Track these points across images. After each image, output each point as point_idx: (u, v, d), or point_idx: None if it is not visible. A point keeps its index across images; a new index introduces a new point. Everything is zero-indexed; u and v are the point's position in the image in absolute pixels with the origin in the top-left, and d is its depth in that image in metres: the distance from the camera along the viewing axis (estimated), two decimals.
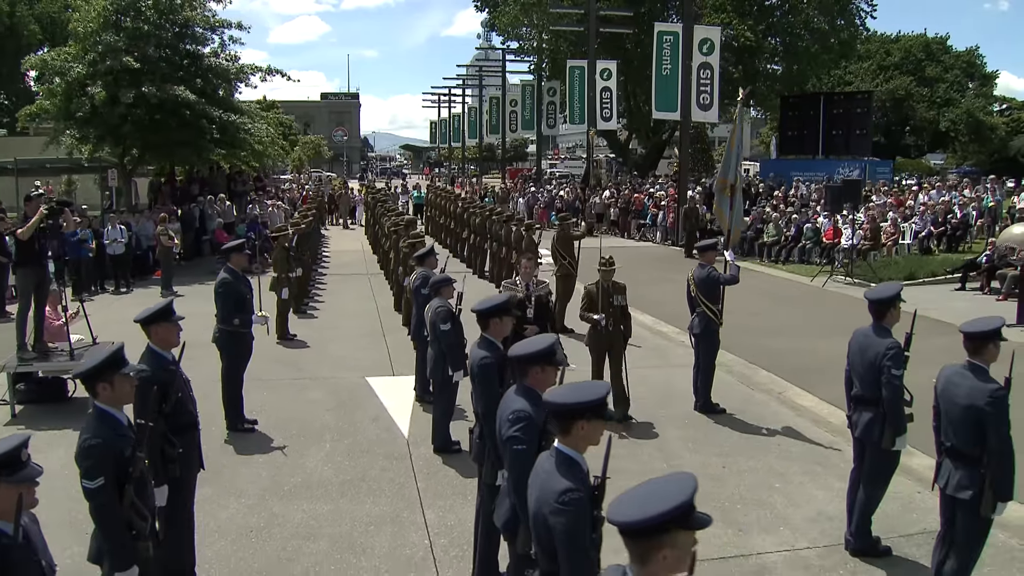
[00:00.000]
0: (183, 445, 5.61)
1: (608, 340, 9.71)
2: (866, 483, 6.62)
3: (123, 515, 4.40)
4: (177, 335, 5.86)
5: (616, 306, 9.67)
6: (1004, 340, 5.57)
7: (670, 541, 2.61)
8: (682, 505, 2.60)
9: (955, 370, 5.63)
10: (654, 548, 2.61)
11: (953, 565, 5.59)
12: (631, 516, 2.59)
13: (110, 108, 20.28)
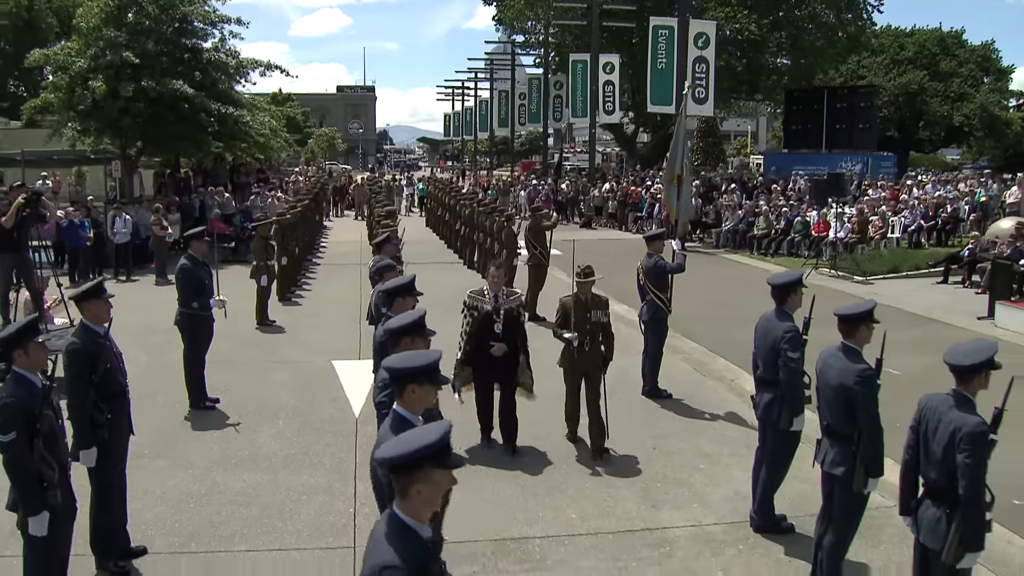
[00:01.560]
0: (111, 412, 6.04)
1: (584, 363, 8.49)
2: (768, 463, 6.96)
3: (33, 466, 4.86)
4: (108, 311, 6.30)
5: (595, 322, 8.47)
6: (876, 322, 5.84)
7: (424, 477, 3.02)
8: (433, 444, 3.00)
9: (831, 351, 5.93)
10: (410, 483, 3.03)
11: (831, 539, 5.91)
12: (390, 453, 3.01)
13: (110, 101, 20.82)
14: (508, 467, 8.21)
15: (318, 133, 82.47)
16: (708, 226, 27.57)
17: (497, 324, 8.39)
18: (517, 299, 8.82)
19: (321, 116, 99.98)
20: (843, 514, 5.83)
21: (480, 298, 8.54)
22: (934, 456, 4.78)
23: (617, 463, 8.36)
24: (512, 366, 8.55)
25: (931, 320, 15.75)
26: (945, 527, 4.70)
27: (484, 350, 8.38)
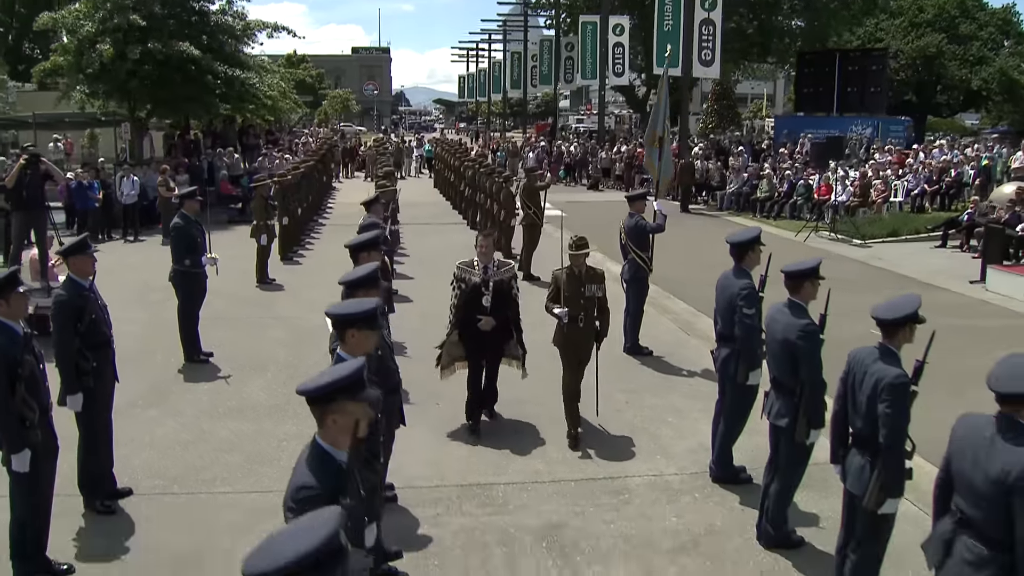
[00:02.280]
0: (96, 360, 6.42)
1: (578, 339, 7.98)
2: (726, 416, 7.25)
3: (15, 408, 5.23)
4: (92, 265, 6.64)
5: (589, 297, 7.89)
6: (822, 279, 6.07)
7: (338, 408, 3.35)
8: (345, 378, 3.33)
9: (777, 307, 6.18)
10: (326, 413, 3.36)
11: (777, 487, 6.21)
12: (307, 386, 3.34)
13: (118, 64, 21.13)
14: (485, 428, 8.39)
15: (332, 95, 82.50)
16: (713, 189, 27.67)
17: (486, 297, 7.89)
18: (509, 270, 8.18)
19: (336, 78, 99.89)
20: (788, 464, 6.12)
21: (469, 269, 8.05)
22: (860, 406, 4.99)
23: (588, 416, 8.34)
24: (502, 340, 8.14)
25: (923, 284, 15.86)
26: (868, 474, 4.94)
27: (473, 324, 7.90)
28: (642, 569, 5.89)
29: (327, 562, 2.33)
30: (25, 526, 5.53)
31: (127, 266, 15.88)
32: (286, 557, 2.28)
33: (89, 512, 6.57)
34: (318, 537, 2.33)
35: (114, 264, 16.39)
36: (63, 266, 12.71)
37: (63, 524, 6.31)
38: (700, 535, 6.40)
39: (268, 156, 28.08)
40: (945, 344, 5.51)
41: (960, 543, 4.03)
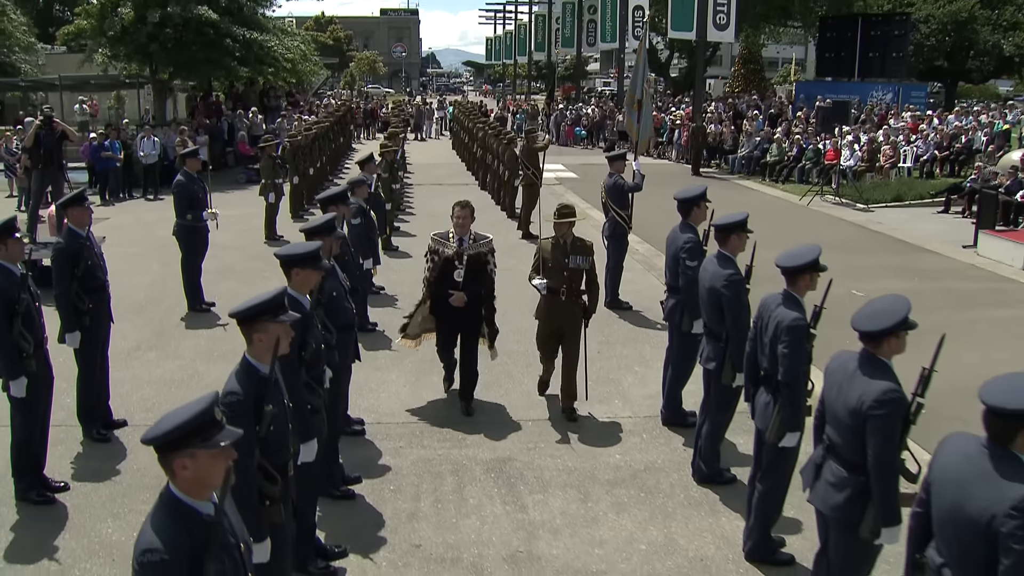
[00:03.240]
0: (92, 302, 7.07)
1: (560, 316, 7.65)
2: (674, 362, 7.75)
3: (13, 339, 5.88)
4: (88, 216, 7.25)
5: (574, 269, 7.53)
6: (749, 232, 6.52)
7: (261, 328, 3.94)
8: (266, 302, 3.92)
9: (709, 259, 6.65)
10: (251, 331, 3.96)
11: (708, 427, 6.71)
12: (236, 308, 3.93)
13: (138, 27, 21.76)
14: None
15: (359, 57, 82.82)
16: (725, 152, 27.91)
17: (458, 271, 7.54)
18: (486, 244, 7.72)
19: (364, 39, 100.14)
20: (717, 406, 6.62)
21: (443, 241, 7.68)
22: (765, 347, 5.44)
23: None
24: (476, 317, 7.78)
25: (917, 248, 16.25)
26: (771, 410, 5.45)
27: (445, 299, 7.59)
28: (578, 497, 6.47)
29: (201, 429, 2.84)
30: (23, 447, 6.21)
31: (143, 223, 16.59)
32: (167, 426, 2.83)
33: (86, 440, 7.27)
34: (193, 411, 2.85)
35: (132, 221, 17.19)
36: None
37: (62, 450, 7.04)
38: (640, 471, 6.96)
39: (287, 117, 28.69)
40: (921, 304, 5.95)
41: (827, 467, 4.55)
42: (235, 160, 24.81)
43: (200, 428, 2.84)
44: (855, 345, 4.29)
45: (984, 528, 3.18)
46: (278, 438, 4.10)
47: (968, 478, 3.35)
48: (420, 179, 24.60)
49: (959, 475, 3.39)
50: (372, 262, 9.75)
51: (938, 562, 3.49)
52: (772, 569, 5.59)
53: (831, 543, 4.61)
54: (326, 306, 5.82)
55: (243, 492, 3.85)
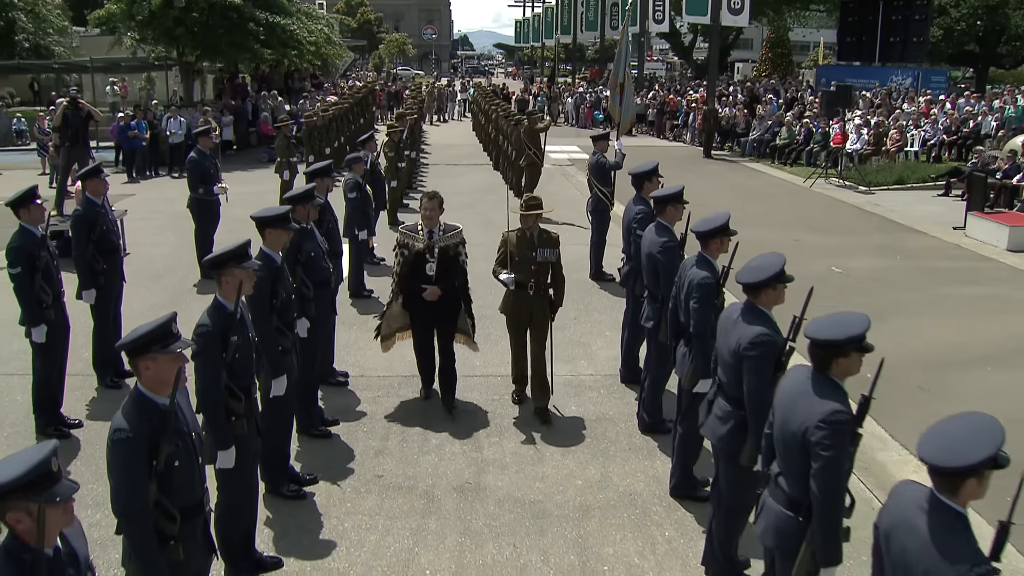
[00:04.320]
0: (107, 263, 7.97)
1: (528, 310, 7.50)
2: (630, 325, 8.42)
3: (35, 292, 6.77)
4: (104, 187, 8.11)
5: (541, 263, 7.38)
6: (686, 203, 7.16)
7: (228, 272, 4.75)
8: (233, 250, 4.72)
9: (650, 228, 7.32)
10: (220, 276, 4.75)
11: (649, 381, 7.43)
12: (209, 256, 4.72)
13: (165, 12, 22.68)
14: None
15: (388, 39, 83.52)
16: (737, 135, 28.41)
17: (430, 264, 7.42)
18: (456, 235, 7.59)
19: (395, 21, 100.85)
20: (658, 360, 7.33)
21: (412, 235, 7.52)
22: (681, 303, 6.13)
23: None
24: (451, 311, 7.67)
25: (907, 228, 16.76)
26: (688, 361, 6.16)
27: (418, 293, 7.46)
28: (530, 440, 7.25)
29: (160, 338, 3.42)
30: (43, 387, 7.11)
31: (166, 199, 17.52)
32: (135, 335, 3.52)
33: (100, 386, 8.17)
34: (155, 324, 3.48)
35: (155, 197, 18.17)
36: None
37: (79, 395, 7.95)
38: (592, 420, 7.72)
39: (310, 99, 29.55)
40: (894, 280, 6.40)
41: (716, 403, 5.28)
42: (257, 140, 25.75)
43: (160, 337, 3.65)
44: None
45: (801, 439, 3.91)
46: (243, 364, 4.90)
47: (794, 399, 4.01)
48: (436, 159, 25.38)
49: (790, 397, 4.04)
50: (367, 233, 10.53)
51: (776, 471, 4.22)
52: (692, 504, 6.29)
53: (720, 472, 5.22)
54: (304, 264, 6.65)
55: (211, 407, 4.69)
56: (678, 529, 5.98)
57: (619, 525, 6.05)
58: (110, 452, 3.63)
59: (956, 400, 8.38)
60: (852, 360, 3.86)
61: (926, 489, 3.13)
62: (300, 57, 28.77)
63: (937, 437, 3.07)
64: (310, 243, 6.86)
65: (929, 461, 3.00)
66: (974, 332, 10.59)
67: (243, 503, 5.11)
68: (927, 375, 9.10)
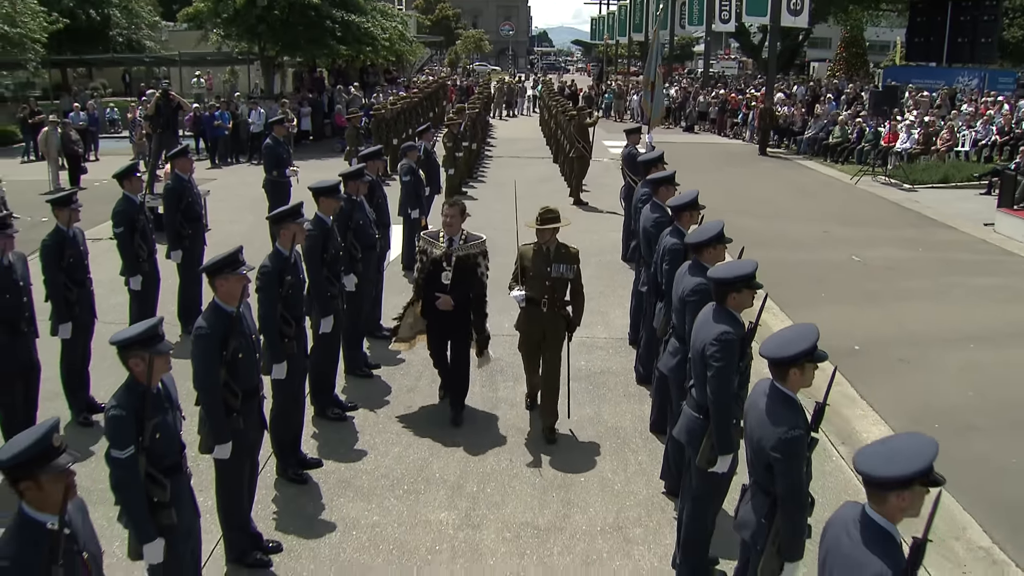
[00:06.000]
0: (191, 230, 9.57)
1: (540, 328, 7.22)
2: (637, 293, 9.59)
3: (133, 248, 8.32)
4: (191, 165, 9.66)
5: (556, 278, 7.08)
6: (678, 185, 8.33)
7: (285, 226, 6.09)
8: (287, 209, 6.06)
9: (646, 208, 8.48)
10: (279, 228, 6.11)
11: (644, 339, 8.44)
12: (272, 213, 6.09)
13: (249, 10, 24.50)
14: None
15: (465, 35, 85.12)
16: (794, 134, 29.12)
17: (446, 273, 7.29)
18: (477, 245, 7.39)
19: (473, 17, 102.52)
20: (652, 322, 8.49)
21: (432, 241, 7.40)
22: (659, 266, 7.34)
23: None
24: (464, 322, 7.54)
25: (938, 223, 17.46)
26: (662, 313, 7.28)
27: (434, 301, 7.42)
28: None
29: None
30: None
31: (245, 183, 19.19)
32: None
33: (184, 333, 9.66)
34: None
35: (236, 181, 19.89)
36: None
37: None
38: (596, 373, 8.96)
39: (383, 92, 31.17)
40: (910, 269, 7.17)
41: (670, 343, 6.45)
42: (332, 131, 27.44)
43: (231, 262, 5.03)
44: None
45: (700, 353, 5.09)
46: (295, 298, 6.32)
47: (699, 327, 5.12)
48: (500, 152, 26.74)
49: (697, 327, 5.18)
50: (419, 212, 11.87)
51: (689, 384, 5.37)
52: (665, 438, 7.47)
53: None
54: (354, 230, 8.04)
55: (269, 329, 6.11)
56: (650, 455, 7.18)
57: (601, 448, 7.31)
58: (192, 344, 5.04)
59: (932, 372, 9.43)
60: (744, 295, 4.97)
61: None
62: (375, 53, 30.37)
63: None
64: (359, 213, 8.25)
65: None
66: (972, 317, 11.41)
67: (292, 410, 6.51)
68: (911, 350, 10.08)
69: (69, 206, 7.41)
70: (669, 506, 6.34)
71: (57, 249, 7.30)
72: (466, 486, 6.71)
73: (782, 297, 11.33)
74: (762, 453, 4.13)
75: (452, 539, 6.01)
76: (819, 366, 4.21)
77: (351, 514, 6.28)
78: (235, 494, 5.43)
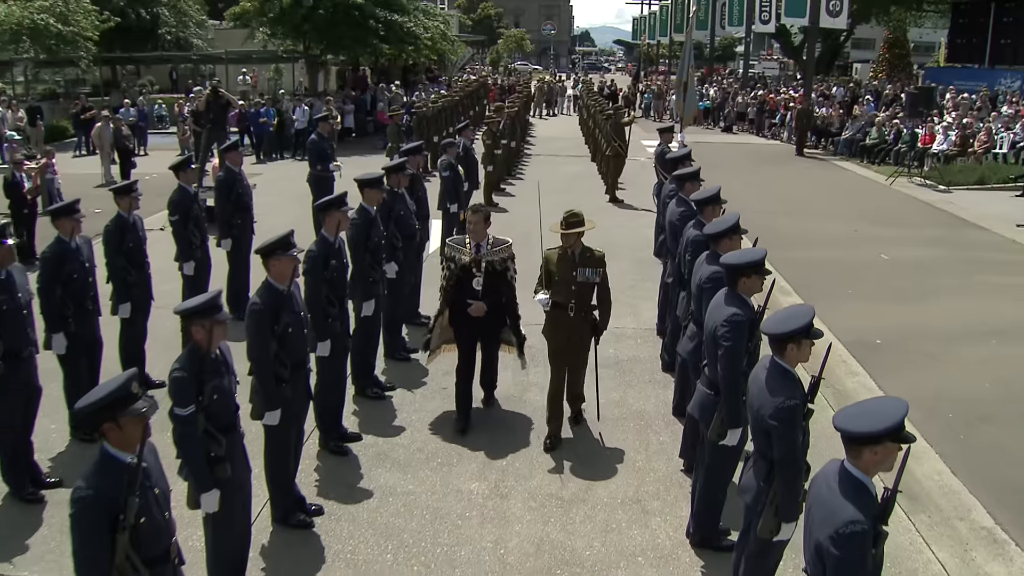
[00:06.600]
0: (240, 219, 10.09)
1: (566, 333, 7.19)
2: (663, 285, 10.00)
3: (187, 235, 8.85)
4: (241, 158, 10.22)
5: (583, 283, 7.04)
6: (702, 180, 8.69)
7: (331, 215, 6.56)
8: (334, 198, 6.53)
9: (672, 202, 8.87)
10: (325, 216, 6.59)
11: (670, 330, 8.87)
12: (321, 200, 6.57)
13: (294, 9, 25.19)
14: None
15: (507, 35, 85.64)
16: (832, 135, 29.20)
17: (476, 279, 7.33)
18: (504, 250, 7.46)
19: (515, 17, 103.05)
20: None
21: (459, 248, 7.42)
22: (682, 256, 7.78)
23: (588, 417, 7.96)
24: (496, 327, 7.71)
25: (970, 224, 17.54)
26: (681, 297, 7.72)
27: (463, 308, 7.43)
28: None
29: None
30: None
31: (289, 178, 19.80)
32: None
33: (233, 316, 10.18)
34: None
35: (280, 176, 20.53)
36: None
37: None
38: (623, 360, 9.36)
39: (425, 91, 31.73)
40: (935, 268, 7.43)
41: (688, 328, 6.87)
42: (374, 128, 28.04)
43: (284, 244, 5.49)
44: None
45: (712, 333, 5.49)
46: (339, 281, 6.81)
47: (712, 310, 5.53)
48: (539, 150, 27.17)
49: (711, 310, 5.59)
50: (457, 207, 12.32)
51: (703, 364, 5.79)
52: None
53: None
54: (395, 220, 8.54)
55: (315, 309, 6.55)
56: (671, 436, 7.58)
57: (625, 429, 7.73)
58: (247, 318, 5.56)
59: (951, 365, 9.71)
60: (753, 280, 5.36)
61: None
62: (417, 52, 30.93)
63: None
64: (401, 204, 8.74)
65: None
66: (996, 314, 11.56)
67: (334, 385, 6.99)
68: (932, 345, 10.35)
69: (130, 194, 8.01)
70: (687, 482, 6.70)
71: (118, 234, 7.88)
72: (496, 460, 7.17)
73: (809, 293, 11.65)
74: (761, 421, 4.53)
75: (482, 507, 6.48)
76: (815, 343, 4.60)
77: (388, 483, 6.77)
78: (282, 459, 5.92)
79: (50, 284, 6.98)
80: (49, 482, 6.69)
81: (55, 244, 7.11)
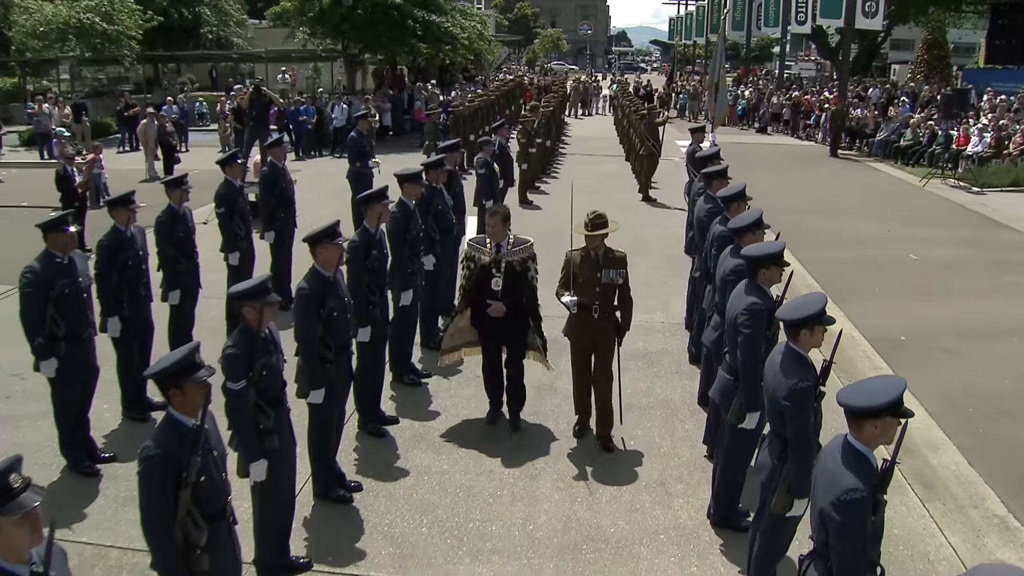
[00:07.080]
0: (284, 213, 10.49)
1: (592, 335, 7.21)
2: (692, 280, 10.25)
3: (232, 227, 9.23)
4: (284, 153, 10.63)
5: (606, 284, 7.06)
6: (730, 178, 8.92)
7: (372, 208, 6.91)
8: (376, 191, 6.88)
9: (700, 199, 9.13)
10: (367, 209, 6.94)
11: (697, 320, 9.20)
12: (362, 194, 6.93)
13: (334, 9, 25.69)
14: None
15: (544, 35, 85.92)
16: (866, 136, 29.18)
17: (496, 279, 7.30)
18: (525, 250, 7.40)
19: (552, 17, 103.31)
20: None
21: (479, 248, 7.42)
22: (709, 252, 8.04)
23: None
24: (519, 327, 7.57)
25: (1001, 225, 17.58)
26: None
27: (485, 309, 7.40)
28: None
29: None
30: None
31: (327, 174, 20.25)
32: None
33: None
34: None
35: (318, 173, 20.99)
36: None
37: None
38: (652, 352, 9.65)
39: (461, 90, 32.11)
40: (961, 268, 7.69)
41: (712, 318, 7.15)
42: (411, 126, 28.46)
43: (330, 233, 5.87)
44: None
45: (733, 321, 5.77)
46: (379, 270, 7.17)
47: (733, 300, 5.82)
48: (574, 149, 27.44)
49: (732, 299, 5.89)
50: (493, 202, 12.65)
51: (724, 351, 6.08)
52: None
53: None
54: (433, 214, 8.89)
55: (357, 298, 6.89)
56: (696, 424, 7.85)
57: (651, 417, 8.03)
58: (295, 302, 5.95)
59: (973, 362, 9.89)
60: (772, 272, 5.65)
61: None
62: (454, 52, 31.33)
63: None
64: (439, 199, 9.11)
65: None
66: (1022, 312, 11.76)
67: (374, 369, 7.36)
68: (956, 342, 10.53)
69: (181, 187, 8.46)
70: (709, 467, 6.96)
71: (169, 224, 8.30)
72: (527, 444, 7.51)
73: (837, 291, 11.82)
74: (776, 402, 4.82)
75: (512, 486, 6.81)
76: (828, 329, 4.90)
77: (423, 463, 7.13)
78: (324, 437, 6.29)
79: (107, 270, 7.42)
80: (104, 457, 7.12)
81: (111, 232, 7.53)
